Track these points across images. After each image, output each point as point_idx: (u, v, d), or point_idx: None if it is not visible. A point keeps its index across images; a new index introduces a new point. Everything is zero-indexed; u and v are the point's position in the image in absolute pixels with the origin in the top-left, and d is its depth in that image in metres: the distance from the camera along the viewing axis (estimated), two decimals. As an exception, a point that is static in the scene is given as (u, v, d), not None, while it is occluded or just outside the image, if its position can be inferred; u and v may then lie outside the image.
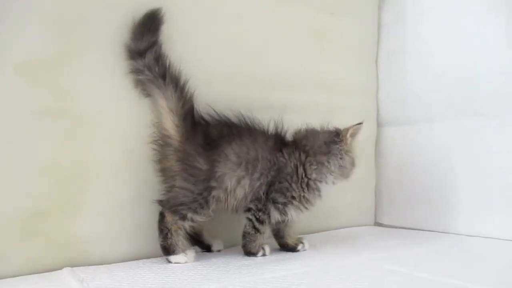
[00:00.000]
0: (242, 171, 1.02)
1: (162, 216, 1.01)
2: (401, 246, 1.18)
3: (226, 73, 1.20)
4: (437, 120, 1.38)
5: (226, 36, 1.21)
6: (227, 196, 1.03)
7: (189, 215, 1.00)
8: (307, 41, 1.39)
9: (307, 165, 1.06)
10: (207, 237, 1.13)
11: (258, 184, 1.04)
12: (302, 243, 1.13)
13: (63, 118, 0.98)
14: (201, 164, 1.01)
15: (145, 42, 1.03)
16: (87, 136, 1.01)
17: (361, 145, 1.18)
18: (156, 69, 1.03)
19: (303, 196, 1.07)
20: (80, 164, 1.00)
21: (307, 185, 1.06)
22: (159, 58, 1.04)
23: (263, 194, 1.05)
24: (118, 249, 1.03)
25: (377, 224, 1.55)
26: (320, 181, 1.07)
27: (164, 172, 1.05)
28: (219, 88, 1.18)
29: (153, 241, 1.07)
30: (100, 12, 1.03)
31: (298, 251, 1.11)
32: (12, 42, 0.93)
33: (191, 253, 1.01)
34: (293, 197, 1.06)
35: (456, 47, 1.35)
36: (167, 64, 1.05)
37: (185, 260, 1.00)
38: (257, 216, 1.05)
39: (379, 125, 1.57)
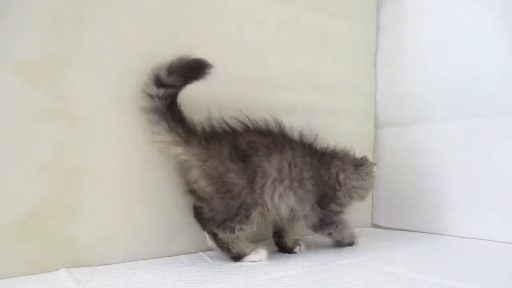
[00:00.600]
0: (286, 188, 1.03)
1: (214, 235, 1.02)
2: (398, 248, 1.18)
3: (225, 73, 1.20)
4: (435, 121, 1.39)
5: (225, 36, 1.21)
6: (269, 212, 1.03)
7: (237, 227, 1.00)
8: (305, 41, 1.39)
9: (348, 172, 1.14)
10: None
11: (307, 200, 1.07)
12: (299, 245, 1.14)
13: (62, 118, 0.98)
14: (235, 179, 0.99)
15: (175, 81, 0.99)
16: (86, 136, 1.01)
17: (358, 147, 1.20)
18: (165, 104, 0.99)
19: (347, 202, 1.16)
20: (79, 165, 1.00)
21: (349, 191, 1.15)
22: (172, 97, 1.01)
23: (324, 208, 1.11)
24: (116, 250, 1.03)
25: (374, 225, 1.56)
26: (359, 190, 1.16)
27: (199, 195, 1.04)
28: (217, 88, 1.17)
29: (151, 242, 1.08)
30: (99, 12, 1.03)
31: (295, 252, 1.13)
32: (11, 42, 0.93)
33: (263, 251, 1.03)
34: (342, 204, 1.14)
35: (455, 48, 1.35)
36: (174, 102, 1.02)
37: (258, 258, 1.02)
38: (336, 235, 1.14)
39: (376, 126, 1.57)
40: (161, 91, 0.99)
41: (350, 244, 1.19)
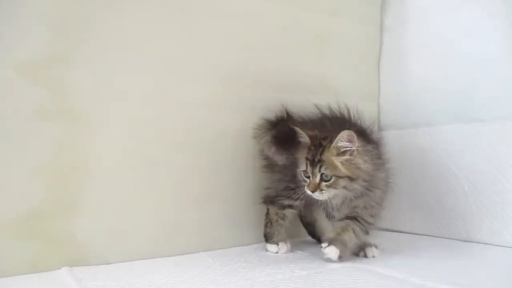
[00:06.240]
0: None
1: (267, 210, 1.18)
2: (398, 251, 1.18)
3: (228, 73, 1.21)
4: (437, 125, 1.38)
5: (229, 36, 1.22)
6: None
7: (286, 202, 1.13)
8: (309, 43, 1.39)
9: None
10: None
11: None
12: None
13: (63, 117, 0.98)
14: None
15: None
16: (87, 135, 1.01)
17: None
18: None
19: None
20: (80, 164, 1.00)
21: None
22: None
23: None
24: (117, 249, 1.04)
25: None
26: None
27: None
28: (221, 87, 1.19)
29: (152, 242, 1.08)
30: (103, 12, 1.03)
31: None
32: (13, 41, 0.94)
33: (283, 245, 1.14)
34: None
35: (457, 52, 1.34)
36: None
37: (276, 250, 1.13)
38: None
39: (379, 128, 1.56)
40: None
41: None
